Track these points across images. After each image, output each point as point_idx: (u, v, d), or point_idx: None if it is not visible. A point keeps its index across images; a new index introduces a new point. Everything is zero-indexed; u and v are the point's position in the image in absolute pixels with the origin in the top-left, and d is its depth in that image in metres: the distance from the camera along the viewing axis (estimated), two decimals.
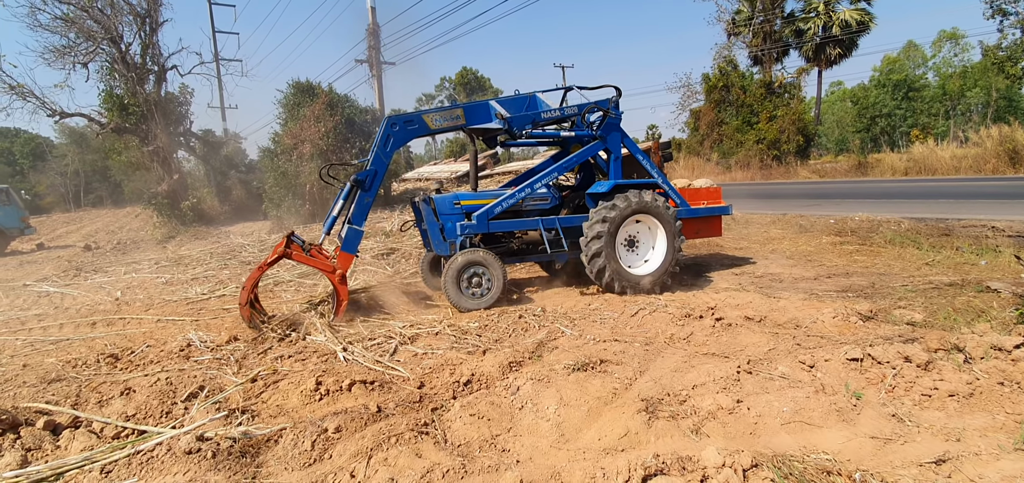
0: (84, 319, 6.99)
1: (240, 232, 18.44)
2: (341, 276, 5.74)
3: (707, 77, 31.88)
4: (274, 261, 5.70)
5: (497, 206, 6.36)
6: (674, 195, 7.16)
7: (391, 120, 6.18)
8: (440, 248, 6.58)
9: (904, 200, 13.49)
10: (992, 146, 19.47)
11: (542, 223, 6.63)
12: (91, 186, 46.96)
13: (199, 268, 10.76)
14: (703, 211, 7.54)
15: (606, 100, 6.89)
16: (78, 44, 20.25)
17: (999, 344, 3.49)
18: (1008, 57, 26.28)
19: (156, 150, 21.15)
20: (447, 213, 6.52)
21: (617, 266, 6.26)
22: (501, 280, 6.10)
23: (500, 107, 6.50)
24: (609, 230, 6.17)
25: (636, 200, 6.32)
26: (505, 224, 6.53)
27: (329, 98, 17.58)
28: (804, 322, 4.70)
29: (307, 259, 5.74)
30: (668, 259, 6.49)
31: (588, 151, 6.80)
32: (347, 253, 5.85)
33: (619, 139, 6.92)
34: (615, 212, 6.21)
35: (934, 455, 2.56)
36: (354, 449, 2.96)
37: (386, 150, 6.14)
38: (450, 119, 6.45)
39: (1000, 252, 7.02)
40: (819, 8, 30.44)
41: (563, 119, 6.83)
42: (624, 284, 6.27)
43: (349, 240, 5.88)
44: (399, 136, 6.18)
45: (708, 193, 8.05)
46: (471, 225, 6.27)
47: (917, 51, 51.23)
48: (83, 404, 3.91)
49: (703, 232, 7.65)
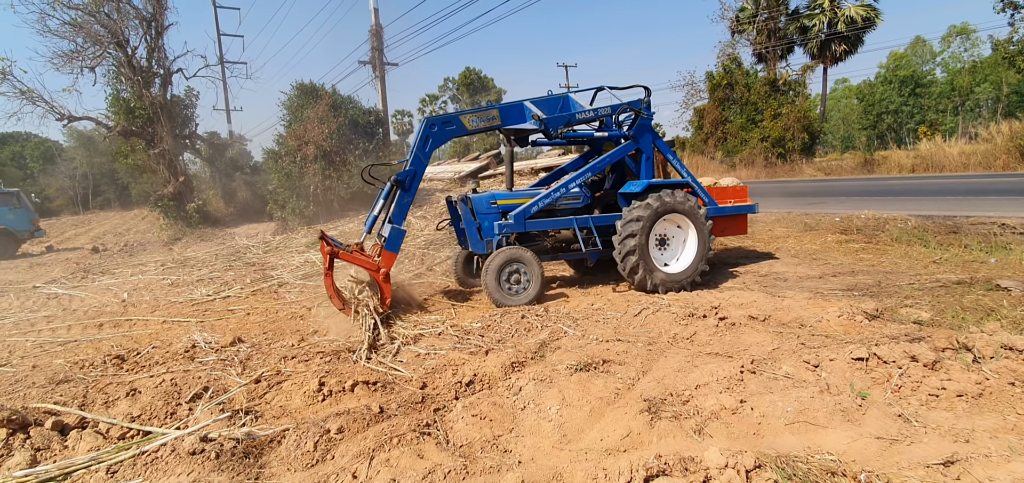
0: (91, 320, 7.04)
1: (245, 233, 18.54)
2: (385, 274, 5.88)
3: (711, 75, 31.71)
4: (330, 265, 5.77)
5: (533, 205, 6.47)
6: (703, 194, 7.23)
7: (430, 121, 6.26)
8: (477, 246, 6.69)
9: (911, 197, 13.37)
10: (1003, 142, 19.22)
11: (576, 222, 6.71)
12: (99, 189, 47.29)
13: (204, 270, 10.82)
14: (730, 209, 7.58)
15: (637, 101, 6.99)
16: (86, 49, 20.42)
17: (1010, 343, 3.42)
18: (1019, 51, 25.97)
19: (162, 153, 21.30)
20: (484, 212, 6.62)
21: (649, 264, 6.34)
22: (539, 277, 6.26)
23: (536, 108, 6.58)
24: (642, 229, 6.27)
25: (669, 199, 6.42)
26: (540, 223, 6.63)
27: (332, 100, 17.66)
28: (809, 321, 4.66)
29: (352, 258, 5.86)
30: (699, 257, 6.59)
31: (621, 151, 6.94)
32: (390, 252, 5.99)
33: (651, 139, 7.05)
34: (648, 211, 6.30)
35: (942, 456, 2.52)
36: (356, 450, 2.96)
37: (425, 150, 6.24)
38: (486, 120, 6.56)
39: (1011, 250, 6.93)
40: (824, 4, 30.24)
41: (597, 119, 6.92)
42: (656, 282, 6.35)
43: (392, 239, 6.01)
44: (437, 136, 6.28)
45: (734, 192, 8.05)
46: (508, 224, 6.38)
47: (925, 47, 50.79)
48: (90, 405, 3.94)
49: (730, 230, 7.71)
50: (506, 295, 6.12)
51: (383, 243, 5.99)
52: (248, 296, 8.09)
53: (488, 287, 6.08)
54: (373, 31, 20.00)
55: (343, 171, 16.87)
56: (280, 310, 7.00)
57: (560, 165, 14.30)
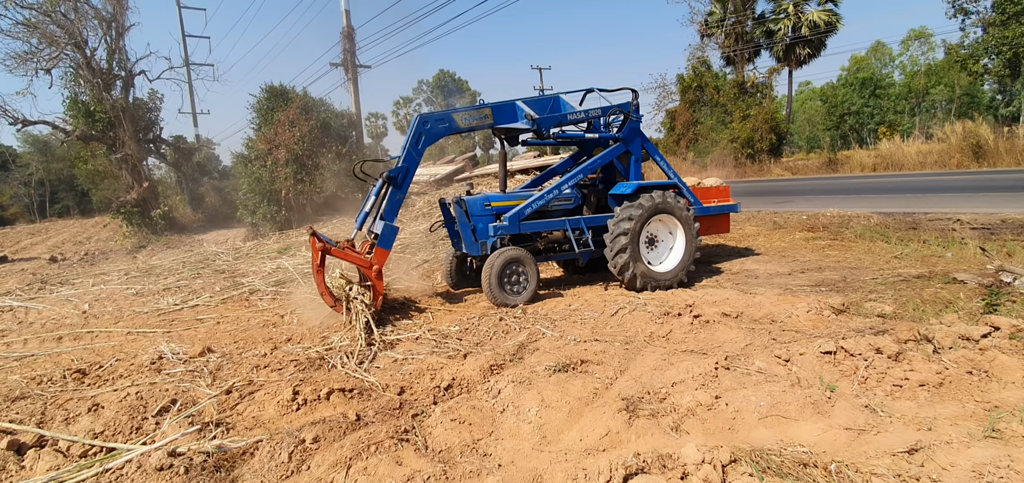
0: (49, 334, 6.75)
1: (214, 240, 18.06)
2: (377, 271, 5.86)
3: (682, 78, 32.32)
4: (322, 263, 5.73)
5: (528, 207, 6.54)
6: (689, 194, 7.39)
7: (423, 118, 6.24)
8: (471, 248, 6.71)
9: (873, 195, 13.86)
10: (956, 141, 20.11)
11: (569, 223, 6.81)
12: (57, 196, 45.49)
13: (171, 278, 10.49)
14: (714, 209, 7.76)
15: (627, 103, 7.10)
16: (41, 50, 19.66)
17: (967, 334, 3.59)
18: (970, 55, 27.18)
19: (124, 157, 20.62)
20: (479, 214, 6.63)
21: (640, 263, 6.45)
22: (536, 277, 6.40)
23: (528, 108, 6.62)
24: (634, 229, 6.37)
25: (659, 200, 6.56)
26: (534, 225, 6.69)
27: (304, 102, 17.36)
28: (779, 317, 4.78)
29: (344, 254, 5.82)
30: (687, 256, 6.75)
31: (612, 152, 7.03)
32: (382, 249, 5.96)
33: (639, 141, 7.18)
34: (640, 212, 6.41)
35: (906, 445, 2.62)
36: (333, 459, 2.90)
37: (417, 148, 6.22)
38: (478, 118, 6.58)
39: (966, 244, 7.24)
40: (788, 9, 31.13)
41: (587, 120, 6.99)
42: (646, 281, 6.45)
43: (385, 236, 5.98)
44: (430, 134, 6.29)
45: (717, 192, 8.23)
46: (503, 226, 6.43)
47: (885, 50, 52.73)
48: (49, 422, 3.77)
49: (713, 229, 7.90)
50: (507, 295, 6.21)
51: (376, 240, 5.98)
52: (218, 305, 7.87)
53: (491, 287, 6.14)
54: (345, 33, 19.75)
55: (315, 175, 16.61)
56: (252, 318, 6.83)
57: (534, 167, 14.34)
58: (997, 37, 22.71)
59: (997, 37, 22.71)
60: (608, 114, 7.05)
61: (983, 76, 28.55)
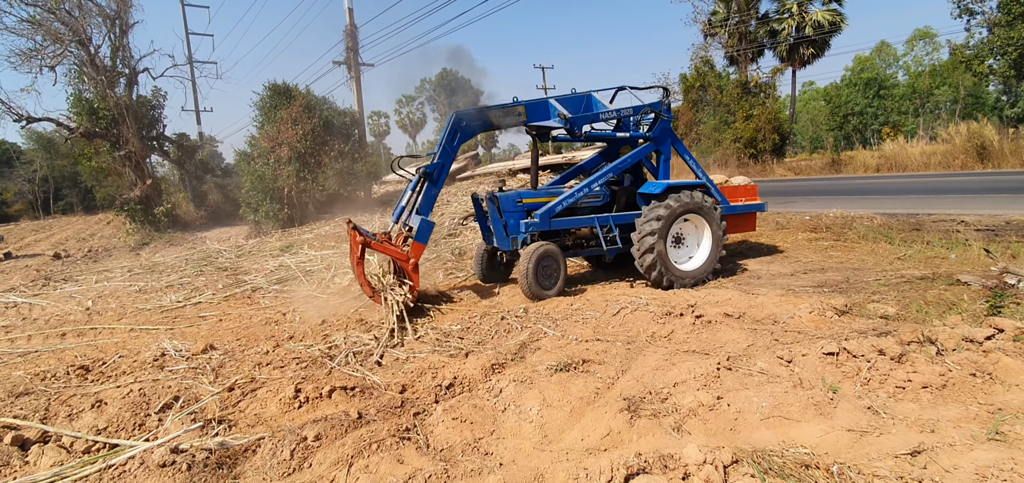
0: (53, 330, 6.78)
1: (217, 237, 18.10)
2: (413, 264, 6.09)
3: (685, 77, 32.26)
4: (362, 255, 5.92)
5: (558, 204, 6.69)
6: (716, 194, 7.42)
7: (458, 115, 6.38)
8: (503, 243, 6.89)
9: (876, 196, 13.82)
10: (961, 142, 20.00)
11: (598, 220, 6.93)
12: (61, 193, 45.65)
13: (174, 275, 10.52)
14: (741, 208, 7.76)
15: (658, 102, 7.18)
16: (45, 47, 19.69)
17: (970, 336, 3.57)
18: (975, 55, 27.01)
19: (128, 155, 20.67)
20: (510, 210, 6.77)
21: (667, 262, 6.52)
22: (564, 271, 6.57)
23: (561, 106, 6.76)
24: (662, 228, 6.44)
25: (687, 200, 6.63)
26: (563, 222, 6.83)
27: (306, 100, 17.36)
28: (781, 318, 4.77)
29: (383, 247, 6.06)
30: (713, 255, 6.82)
31: (642, 151, 7.15)
32: (418, 242, 6.14)
33: (670, 140, 7.26)
34: (668, 212, 6.48)
35: (909, 446, 2.61)
36: (334, 457, 2.91)
37: (453, 144, 6.35)
38: (512, 116, 6.70)
39: (969, 246, 7.21)
40: (792, 9, 31.01)
41: (619, 119, 7.06)
42: (672, 278, 6.53)
43: (421, 230, 6.16)
44: (465, 131, 6.43)
45: (744, 190, 8.21)
46: (534, 222, 6.59)
47: (889, 50, 52.53)
48: (52, 418, 3.79)
49: (740, 228, 7.92)
50: (540, 288, 6.38)
51: (411, 233, 6.19)
52: (220, 302, 7.89)
53: (527, 281, 6.30)
54: (348, 31, 19.75)
55: (318, 173, 16.61)
56: (254, 316, 6.85)
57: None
58: (1003, 38, 22.56)
59: (1003, 38, 22.56)
60: (639, 113, 7.14)
61: (988, 77, 28.40)
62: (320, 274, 9.05)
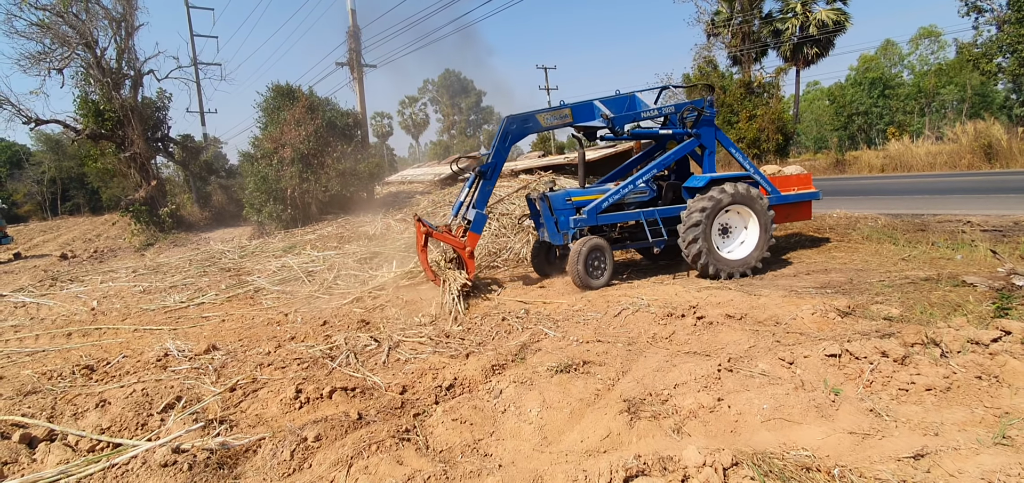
0: (60, 330, 6.83)
1: (221, 238, 18.17)
2: (470, 252, 6.77)
3: (688, 77, 32.16)
4: (425, 244, 6.82)
5: (604, 201, 7.09)
6: (765, 184, 7.59)
7: (510, 119, 6.93)
8: (554, 238, 7.34)
9: (881, 196, 13.74)
10: (967, 142, 19.84)
11: (643, 215, 7.24)
12: (68, 194, 46.00)
13: (178, 276, 10.57)
14: (793, 197, 7.82)
15: (700, 100, 7.48)
16: (53, 50, 19.81)
17: (976, 338, 3.51)
18: (983, 54, 26.73)
19: (133, 156, 20.76)
20: (561, 208, 7.19)
21: (712, 252, 6.81)
22: (611, 264, 6.96)
23: (604, 107, 7.16)
24: (705, 220, 6.74)
25: (730, 192, 6.86)
26: (610, 217, 7.24)
27: (309, 101, 17.38)
28: (784, 319, 4.74)
29: (443, 237, 6.80)
30: (760, 244, 7.03)
31: (685, 147, 7.46)
32: (474, 233, 6.82)
33: (713, 135, 7.54)
34: (711, 204, 6.78)
35: (912, 450, 2.57)
36: (334, 458, 2.91)
37: (504, 145, 6.96)
38: (559, 118, 7.18)
39: (976, 247, 7.15)
40: (796, 8, 30.89)
41: (661, 116, 7.46)
42: (719, 268, 6.82)
43: (477, 222, 6.84)
44: (516, 133, 6.99)
45: (798, 180, 8.22)
46: (582, 218, 7.02)
47: (894, 49, 52.19)
48: (59, 417, 3.82)
49: (793, 217, 8.00)
50: (590, 278, 6.75)
51: (469, 225, 6.83)
52: (223, 302, 7.92)
53: (577, 272, 6.70)
54: (351, 32, 19.76)
55: (321, 174, 16.62)
56: (256, 316, 6.87)
57: (538, 166, 14.31)
58: (1013, 35, 22.34)
59: (1013, 35, 22.34)
60: (682, 111, 7.40)
61: (997, 75, 28.09)
62: (322, 275, 9.07)
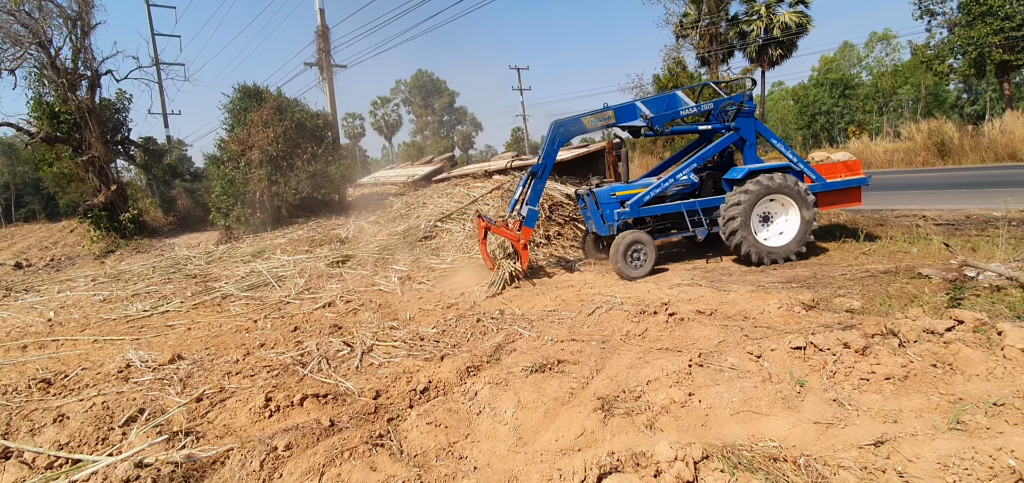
0: (14, 342, 6.52)
1: (186, 243, 17.65)
2: (524, 244, 7.39)
3: (658, 78, 32.65)
4: (485, 236, 7.60)
5: (646, 195, 7.56)
6: (810, 172, 7.87)
7: (557, 124, 7.46)
8: (601, 230, 7.85)
9: None
10: (922, 140, 20.69)
11: (684, 207, 7.70)
12: (22, 200, 43.98)
13: (140, 283, 10.21)
14: (840, 184, 7.99)
15: (739, 94, 7.85)
16: (4, 49, 18.93)
17: (931, 328, 3.67)
18: (936, 56, 27.91)
19: (91, 160, 19.96)
20: (606, 202, 7.66)
21: (752, 240, 7.20)
22: (653, 255, 7.37)
23: (644, 107, 7.71)
24: (744, 210, 7.13)
25: (767, 183, 7.22)
26: (653, 209, 7.70)
27: (277, 102, 17.02)
28: (752, 314, 4.86)
29: (499, 231, 7.43)
30: (801, 232, 7.35)
31: (724, 141, 7.82)
32: (528, 227, 7.46)
33: (753, 127, 7.87)
34: (748, 196, 7.15)
35: (873, 437, 2.67)
36: (305, 466, 2.86)
37: (553, 147, 7.50)
38: (603, 119, 7.65)
39: (930, 240, 7.45)
40: (761, 11, 31.68)
41: (701, 113, 7.88)
42: (760, 255, 7.21)
43: (529, 218, 7.45)
44: (563, 136, 7.54)
45: (846, 167, 8.35)
46: (626, 212, 7.53)
47: (853, 51, 54.02)
48: (13, 433, 3.65)
49: (842, 202, 8.24)
50: (630, 269, 7.17)
51: (523, 220, 7.43)
52: (189, 310, 7.69)
53: (617, 263, 7.14)
54: (319, 32, 19.41)
55: (290, 176, 16.29)
56: (224, 324, 6.69)
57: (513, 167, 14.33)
58: (963, 37, 23.39)
59: (963, 37, 23.39)
60: (721, 106, 7.73)
61: (949, 76, 29.38)
62: (293, 280, 8.90)
